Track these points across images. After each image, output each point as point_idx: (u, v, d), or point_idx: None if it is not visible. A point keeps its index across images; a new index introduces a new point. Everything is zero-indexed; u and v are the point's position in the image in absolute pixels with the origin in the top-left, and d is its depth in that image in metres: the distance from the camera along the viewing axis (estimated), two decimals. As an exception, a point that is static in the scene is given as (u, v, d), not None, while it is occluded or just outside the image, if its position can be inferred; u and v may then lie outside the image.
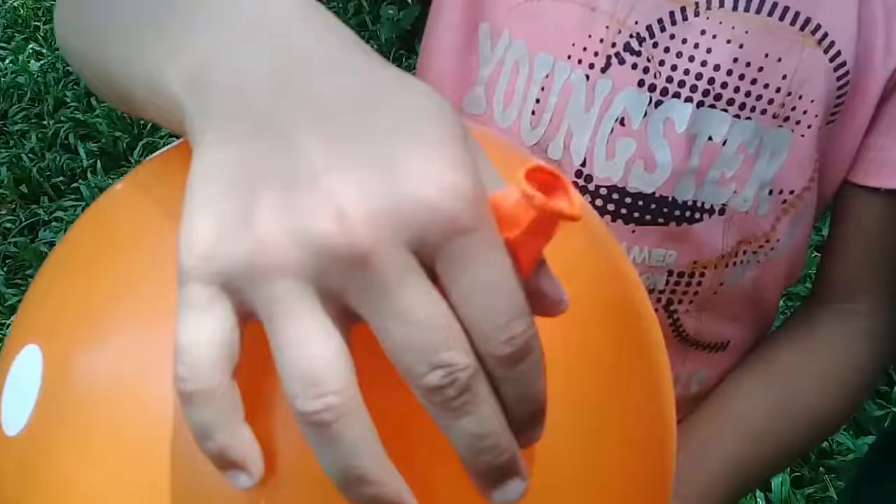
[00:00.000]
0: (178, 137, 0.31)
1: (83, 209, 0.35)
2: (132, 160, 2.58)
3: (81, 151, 2.60)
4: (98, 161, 2.56)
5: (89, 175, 2.51)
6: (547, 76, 0.53)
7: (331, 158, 0.22)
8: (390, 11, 2.72)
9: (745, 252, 0.57)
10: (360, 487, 0.22)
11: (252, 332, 0.23)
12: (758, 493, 1.52)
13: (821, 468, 1.54)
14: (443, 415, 0.22)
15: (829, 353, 0.59)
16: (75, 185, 2.48)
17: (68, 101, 2.86)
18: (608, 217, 0.54)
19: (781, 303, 0.65)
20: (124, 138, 2.66)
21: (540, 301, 0.23)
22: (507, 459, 0.22)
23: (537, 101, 0.53)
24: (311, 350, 0.21)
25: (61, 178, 2.53)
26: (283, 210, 0.21)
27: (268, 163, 0.22)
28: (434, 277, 0.22)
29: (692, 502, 0.54)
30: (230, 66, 0.25)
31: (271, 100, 0.24)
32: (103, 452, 0.26)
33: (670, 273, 0.56)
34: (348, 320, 0.22)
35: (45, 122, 2.77)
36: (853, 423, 1.58)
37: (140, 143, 2.61)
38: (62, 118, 2.76)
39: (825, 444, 1.60)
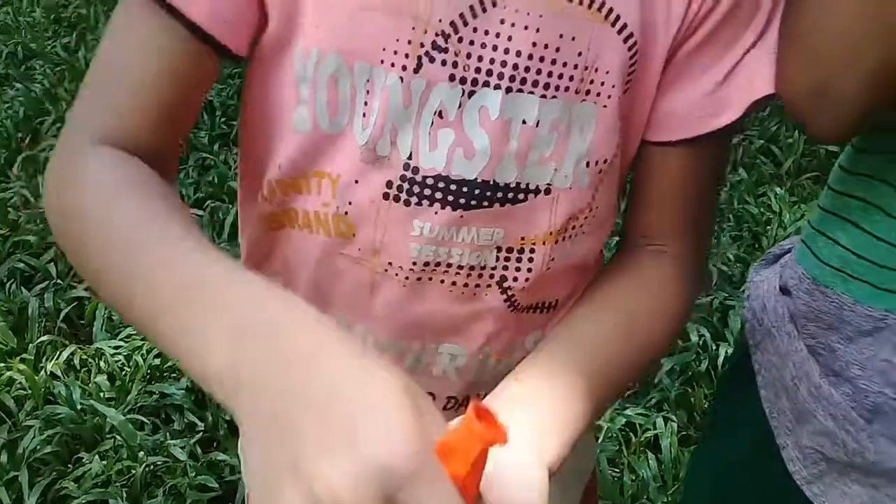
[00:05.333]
0: None
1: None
2: (10, 175, 2.52)
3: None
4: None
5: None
6: (368, 81, 0.54)
7: (321, 446, 0.35)
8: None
9: (573, 227, 0.61)
10: None
11: None
12: (648, 454, 1.59)
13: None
14: None
15: (648, 289, 0.64)
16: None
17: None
18: (437, 205, 0.57)
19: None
20: (2, 153, 2.61)
21: None
22: None
23: (365, 103, 0.55)
24: None
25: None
26: (301, 485, 0.34)
27: (284, 453, 0.36)
28: None
29: (547, 420, 0.53)
30: (252, 374, 0.39)
31: (281, 400, 0.37)
32: None
33: (499, 249, 0.59)
34: None
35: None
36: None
37: (19, 158, 2.57)
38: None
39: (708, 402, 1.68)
